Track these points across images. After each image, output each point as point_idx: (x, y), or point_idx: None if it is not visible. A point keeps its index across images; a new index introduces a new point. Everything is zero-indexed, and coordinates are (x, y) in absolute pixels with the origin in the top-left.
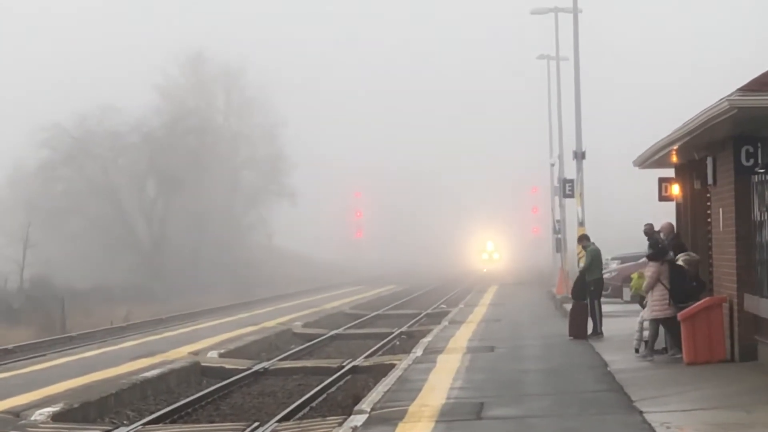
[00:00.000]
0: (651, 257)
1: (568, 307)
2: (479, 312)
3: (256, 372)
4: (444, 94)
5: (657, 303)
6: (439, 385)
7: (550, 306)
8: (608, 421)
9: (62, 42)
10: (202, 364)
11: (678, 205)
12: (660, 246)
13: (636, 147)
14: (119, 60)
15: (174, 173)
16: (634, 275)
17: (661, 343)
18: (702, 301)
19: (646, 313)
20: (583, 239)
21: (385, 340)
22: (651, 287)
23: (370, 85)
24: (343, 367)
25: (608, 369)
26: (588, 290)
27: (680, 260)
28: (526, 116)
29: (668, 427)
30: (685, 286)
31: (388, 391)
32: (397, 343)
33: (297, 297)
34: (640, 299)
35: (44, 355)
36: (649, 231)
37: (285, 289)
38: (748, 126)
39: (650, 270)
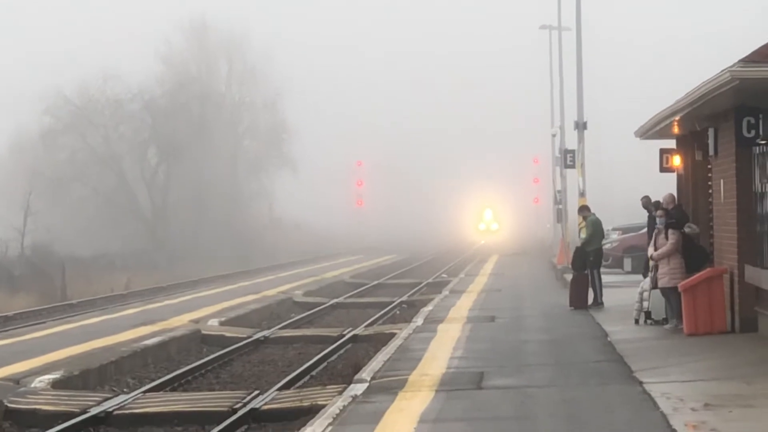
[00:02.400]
0: (674, 225)
1: (569, 277)
2: (480, 282)
3: (257, 340)
4: (445, 64)
5: (677, 271)
6: (440, 354)
7: (550, 276)
8: (609, 391)
9: (64, 9)
10: (203, 332)
11: (679, 177)
12: (678, 214)
13: (638, 118)
14: (122, 27)
15: (176, 141)
16: None
17: (660, 313)
18: (703, 272)
19: (659, 282)
20: (584, 210)
21: (386, 309)
22: (668, 255)
23: (372, 55)
24: (343, 335)
25: (608, 339)
26: (588, 260)
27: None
28: (527, 86)
29: (668, 398)
30: (698, 254)
31: (388, 360)
32: (398, 312)
33: (298, 266)
34: (643, 269)
35: (44, 322)
36: (647, 204)
37: (286, 258)
38: (749, 97)
39: (673, 238)
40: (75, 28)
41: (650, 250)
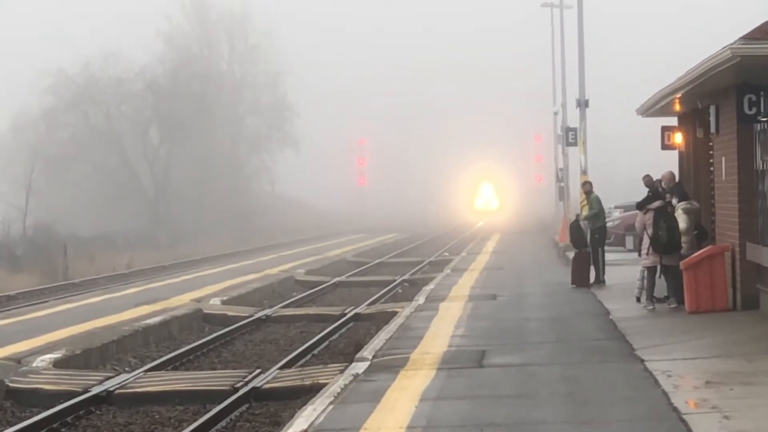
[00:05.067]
0: (638, 206)
1: (571, 255)
2: (482, 260)
3: (259, 319)
4: (447, 42)
5: (644, 251)
6: (441, 332)
7: (552, 254)
8: (610, 369)
9: None
10: (205, 311)
11: (681, 154)
12: (649, 195)
13: (640, 95)
14: (123, 6)
15: (177, 120)
16: None
17: (663, 291)
18: (704, 249)
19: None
20: (587, 185)
21: (388, 288)
22: (640, 236)
23: (374, 32)
24: (345, 314)
25: (610, 317)
26: (592, 238)
27: (680, 209)
28: (529, 64)
29: (669, 376)
30: (656, 235)
31: (390, 338)
32: (400, 290)
33: (300, 244)
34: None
35: (46, 301)
36: (649, 182)
37: (288, 237)
38: (750, 74)
39: (637, 219)
40: (76, 7)
41: None
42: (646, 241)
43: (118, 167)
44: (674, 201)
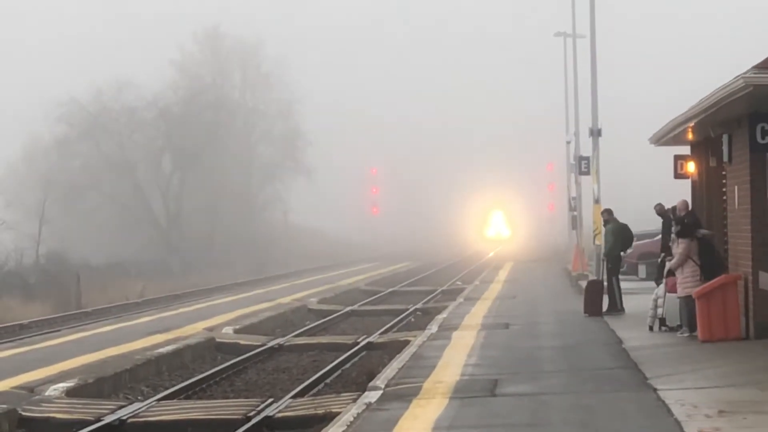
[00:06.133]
0: (680, 234)
1: (584, 284)
2: (494, 289)
3: (271, 348)
4: (460, 71)
5: (689, 279)
6: (454, 361)
7: (565, 283)
8: (623, 398)
9: (79, 16)
10: (217, 339)
11: (693, 183)
12: (685, 223)
13: (652, 124)
14: (136, 35)
15: (190, 149)
16: None
17: (675, 320)
18: (717, 278)
19: (677, 291)
20: (605, 213)
21: (400, 317)
22: (681, 264)
23: (386, 62)
24: (357, 343)
25: (623, 346)
26: (606, 267)
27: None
28: (543, 93)
29: (682, 405)
30: (714, 262)
31: (402, 367)
32: (412, 319)
33: (312, 273)
34: (655, 277)
35: (59, 330)
36: (661, 211)
37: (300, 266)
38: (763, 103)
39: (681, 247)
40: (89, 36)
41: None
42: (693, 270)
43: (131, 196)
44: None
